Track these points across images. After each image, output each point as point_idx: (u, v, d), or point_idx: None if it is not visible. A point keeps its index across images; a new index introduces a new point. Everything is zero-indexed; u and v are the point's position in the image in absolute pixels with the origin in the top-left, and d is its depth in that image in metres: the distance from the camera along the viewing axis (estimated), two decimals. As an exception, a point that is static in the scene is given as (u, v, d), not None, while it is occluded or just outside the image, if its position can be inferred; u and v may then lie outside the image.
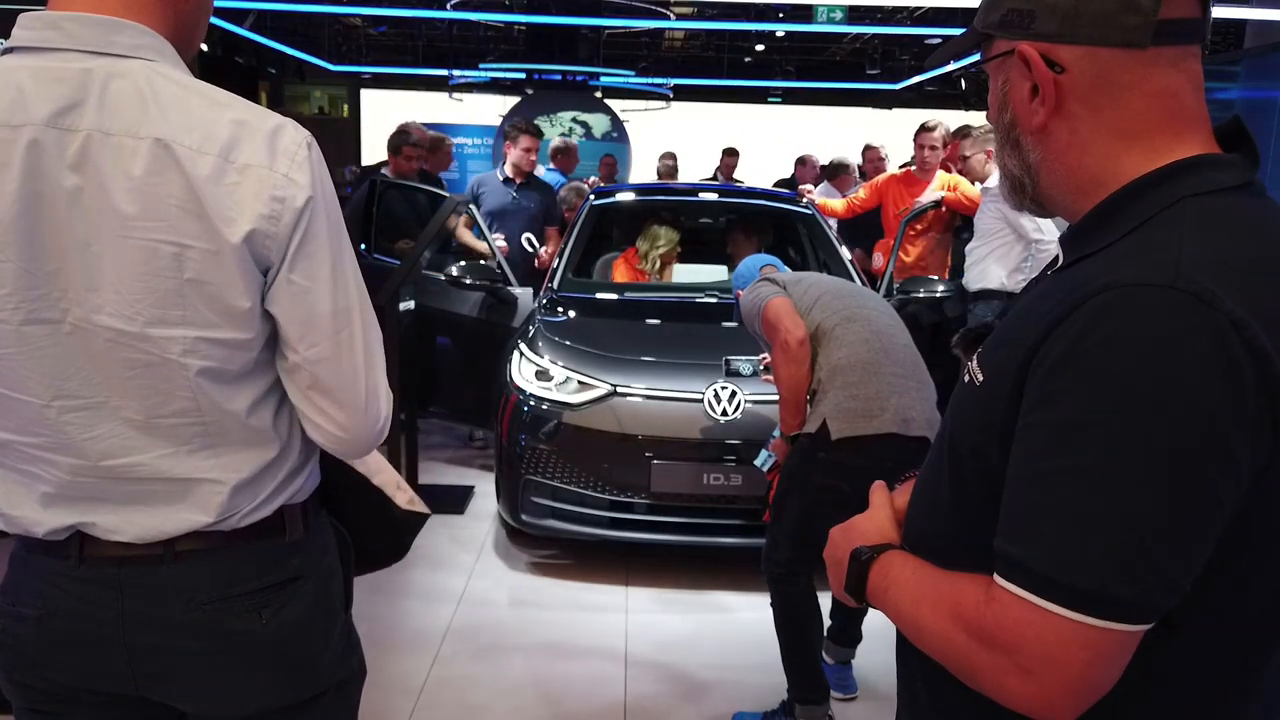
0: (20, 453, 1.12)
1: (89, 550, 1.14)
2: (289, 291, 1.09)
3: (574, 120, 15.09)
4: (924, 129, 5.25)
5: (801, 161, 8.31)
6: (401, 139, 5.38)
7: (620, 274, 4.75)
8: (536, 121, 6.00)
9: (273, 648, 1.20)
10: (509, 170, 5.49)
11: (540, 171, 5.99)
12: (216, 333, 1.07)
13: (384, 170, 5.46)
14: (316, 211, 1.08)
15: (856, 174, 7.11)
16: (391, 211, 5.03)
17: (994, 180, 4.32)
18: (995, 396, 0.85)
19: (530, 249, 5.40)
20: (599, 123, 15.34)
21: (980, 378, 0.90)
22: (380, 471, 1.39)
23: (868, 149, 6.86)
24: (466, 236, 5.11)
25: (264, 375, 1.15)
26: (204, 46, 11.31)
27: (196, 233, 1.03)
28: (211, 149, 1.03)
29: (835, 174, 7.09)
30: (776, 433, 2.74)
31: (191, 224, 1.03)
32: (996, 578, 0.80)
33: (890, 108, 16.67)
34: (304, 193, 1.06)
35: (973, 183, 4.91)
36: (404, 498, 1.41)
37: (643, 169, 14.60)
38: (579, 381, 3.53)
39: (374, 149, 15.55)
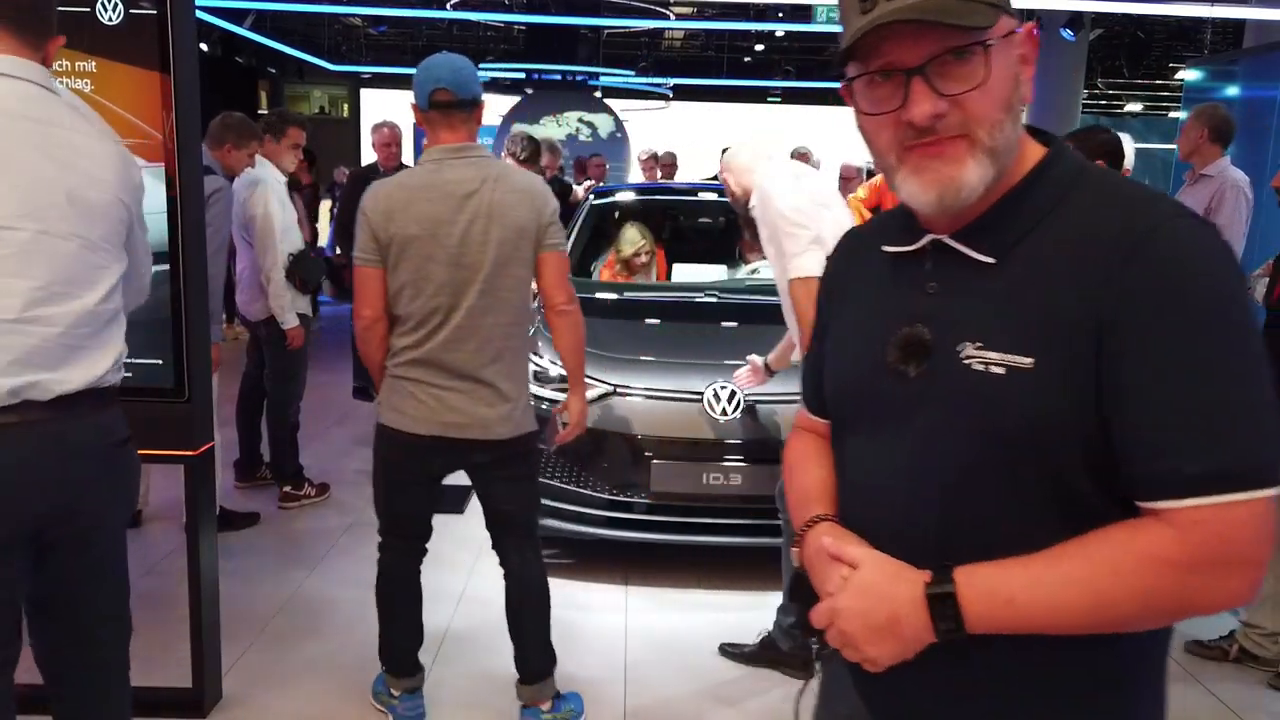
0: None
1: None
2: None
3: (580, 120, 15.08)
4: None
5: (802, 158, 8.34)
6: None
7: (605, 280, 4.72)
8: (542, 121, 5.98)
9: None
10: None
11: None
12: None
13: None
14: None
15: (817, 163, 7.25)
16: None
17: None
18: (1060, 364, 0.87)
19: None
20: (604, 123, 15.33)
21: (1024, 362, 0.88)
22: None
23: None
24: None
25: None
26: (204, 46, 11.31)
27: None
28: None
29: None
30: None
31: None
32: (1187, 501, 0.83)
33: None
34: None
35: None
36: None
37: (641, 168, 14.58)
38: (578, 381, 3.52)
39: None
